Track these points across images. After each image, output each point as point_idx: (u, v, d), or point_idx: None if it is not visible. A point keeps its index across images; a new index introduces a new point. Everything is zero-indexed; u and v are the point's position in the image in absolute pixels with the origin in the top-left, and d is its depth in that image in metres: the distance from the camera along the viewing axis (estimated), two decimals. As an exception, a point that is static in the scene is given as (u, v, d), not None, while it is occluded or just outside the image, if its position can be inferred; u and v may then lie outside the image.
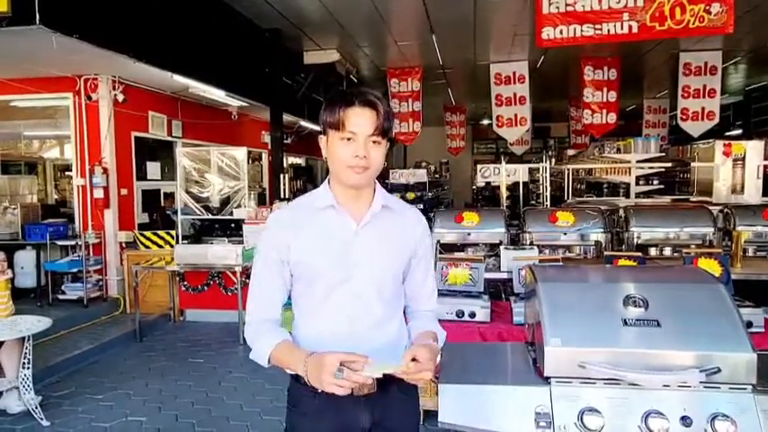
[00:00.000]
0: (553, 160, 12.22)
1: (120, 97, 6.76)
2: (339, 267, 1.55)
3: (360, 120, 1.50)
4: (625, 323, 1.75)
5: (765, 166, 5.76)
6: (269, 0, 6.63)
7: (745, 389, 1.63)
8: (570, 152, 11.42)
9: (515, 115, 9.78)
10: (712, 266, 3.45)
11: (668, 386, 1.64)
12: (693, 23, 5.60)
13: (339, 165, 1.53)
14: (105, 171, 6.72)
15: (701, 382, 1.63)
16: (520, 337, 2.70)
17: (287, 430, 1.63)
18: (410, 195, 9.67)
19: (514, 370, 1.92)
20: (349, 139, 1.50)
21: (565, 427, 1.65)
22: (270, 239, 1.60)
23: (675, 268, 2.61)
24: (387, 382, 1.51)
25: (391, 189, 9.91)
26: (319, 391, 1.43)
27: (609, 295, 1.85)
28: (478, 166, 8.47)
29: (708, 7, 5.53)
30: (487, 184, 8.61)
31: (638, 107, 13.71)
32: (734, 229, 3.90)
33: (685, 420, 1.60)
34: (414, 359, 1.40)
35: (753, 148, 6.05)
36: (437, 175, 14.49)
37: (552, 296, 1.88)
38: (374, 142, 1.52)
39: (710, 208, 4.22)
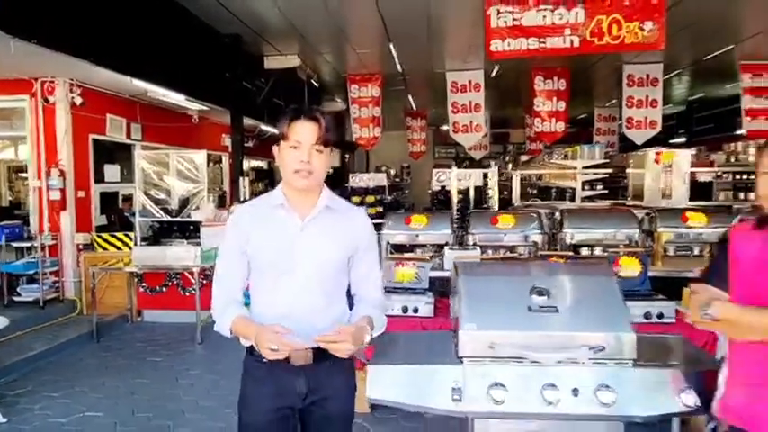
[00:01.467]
0: (510, 165, 12.69)
1: (78, 100, 6.79)
2: (285, 259, 1.82)
3: (304, 130, 1.79)
4: (530, 309, 2.02)
5: (692, 173, 6.22)
6: (228, 6, 6.76)
7: (626, 364, 1.91)
8: (524, 158, 11.86)
9: (471, 122, 10.11)
10: (633, 264, 3.79)
11: (562, 362, 1.91)
12: (629, 39, 6.00)
13: (287, 169, 1.82)
14: (62, 173, 6.73)
15: (589, 359, 1.91)
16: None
17: (240, 394, 1.90)
18: (369, 199, 9.89)
19: (437, 353, 2.16)
20: (295, 147, 1.79)
21: (475, 400, 1.91)
22: (233, 231, 1.90)
23: (578, 263, 2.91)
24: (321, 357, 1.78)
25: (351, 192, 10.14)
26: (265, 361, 1.70)
27: (518, 286, 2.12)
28: (434, 171, 8.77)
29: (641, 25, 5.94)
30: (443, 188, 8.90)
31: (589, 115, 14.30)
32: (656, 231, 4.27)
33: (575, 391, 1.88)
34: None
35: (681, 156, 6.52)
36: (398, 179, 14.82)
37: (470, 287, 2.15)
38: (317, 150, 1.80)
39: (637, 211, 4.59)
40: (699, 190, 7.18)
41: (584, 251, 4.51)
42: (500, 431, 1.96)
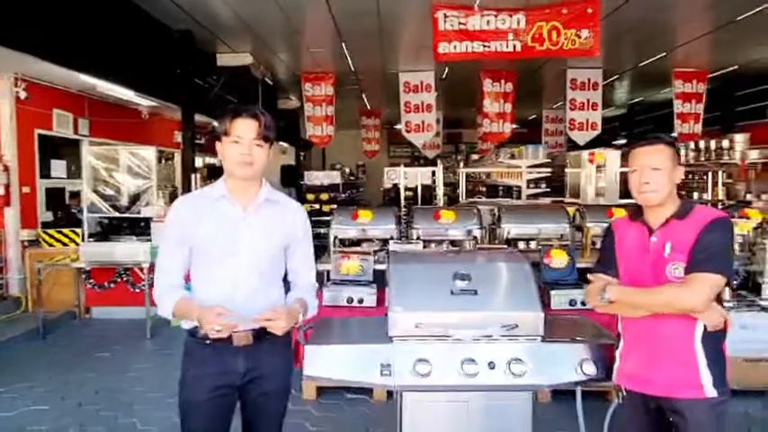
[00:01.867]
0: (462, 164, 13.02)
1: (23, 95, 6.69)
2: (227, 245, 1.98)
3: (245, 127, 1.95)
4: (452, 293, 2.22)
5: (622, 173, 6.65)
6: (179, 3, 6.77)
7: (535, 339, 2.14)
8: (474, 156, 12.20)
9: (423, 121, 10.38)
10: (562, 256, 4.09)
11: (479, 339, 2.13)
12: (567, 46, 6.36)
13: (230, 162, 1.98)
14: (6, 168, 6.61)
15: (502, 336, 2.13)
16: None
17: (181, 374, 2.02)
18: (324, 196, 10.04)
19: (369, 334, 2.34)
20: (237, 142, 1.95)
21: (402, 374, 2.10)
22: (173, 220, 2.04)
23: (499, 252, 3.15)
24: (260, 337, 1.94)
25: (306, 190, 10.25)
26: (207, 342, 1.86)
27: (443, 272, 2.32)
28: (385, 169, 8.98)
29: (578, 32, 6.31)
30: (394, 185, 9.12)
31: (538, 117, 14.80)
32: (585, 226, 4.59)
33: (491, 364, 2.09)
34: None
35: (612, 156, 6.94)
36: (353, 177, 14.94)
37: (400, 274, 2.34)
38: (257, 145, 1.96)
39: (569, 208, 4.90)
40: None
41: (521, 245, 4.80)
42: (425, 402, 2.16)
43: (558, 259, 4.01)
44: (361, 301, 4.00)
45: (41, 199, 7.37)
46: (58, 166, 7.84)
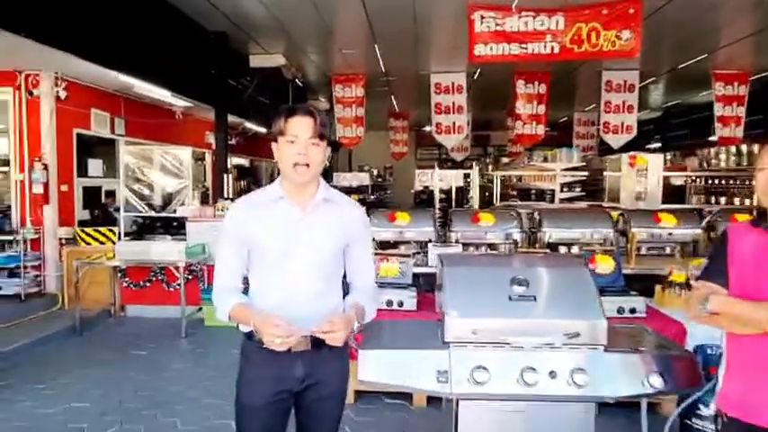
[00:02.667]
0: (491, 167, 12.90)
1: (63, 94, 6.79)
2: (285, 247, 1.93)
3: (300, 125, 1.90)
4: (510, 298, 2.15)
5: (665, 177, 6.46)
6: (215, 4, 6.82)
7: (597, 348, 2.05)
8: (505, 160, 12.07)
9: (453, 123, 10.29)
10: (608, 262, 3.97)
11: (540, 347, 2.05)
12: (606, 47, 6.23)
13: (286, 164, 1.93)
14: (45, 167, 6.71)
15: (564, 344, 2.05)
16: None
17: (238, 376, 1.99)
18: (353, 198, 10.00)
19: (423, 339, 2.28)
20: (292, 142, 1.90)
21: (459, 382, 2.04)
22: (231, 221, 1.99)
23: (554, 257, 3.06)
24: (319, 343, 1.89)
25: (335, 191, 10.23)
26: (264, 345, 1.80)
27: (499, 277, 2.25)
28: (416, 172, 8.92)
29: (619, 33, 6.17)
30: (425, 188, 9.07)
31: (569, 119, 14.58)
32: (629, 231, 4.46)
33: (552, 374, 2.01)
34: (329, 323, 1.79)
35: (654, 160, 6.77)
36: (380, 179, 14.94)
37: (454, 278, 2.28)
38: (313, 144, 1.90)
39: (612, 213, 4.78)
40: (672, 193, 7.44)
41: (562, 249, 4.69)
42: (482, 411, 2.09)
43: (604, 265, 3.89)
44: (401, 304, 3.94)
45: (79, 197, 7.48)
46: (95, 165, 7.95)
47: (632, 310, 3.63)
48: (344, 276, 2.11)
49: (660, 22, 7.07)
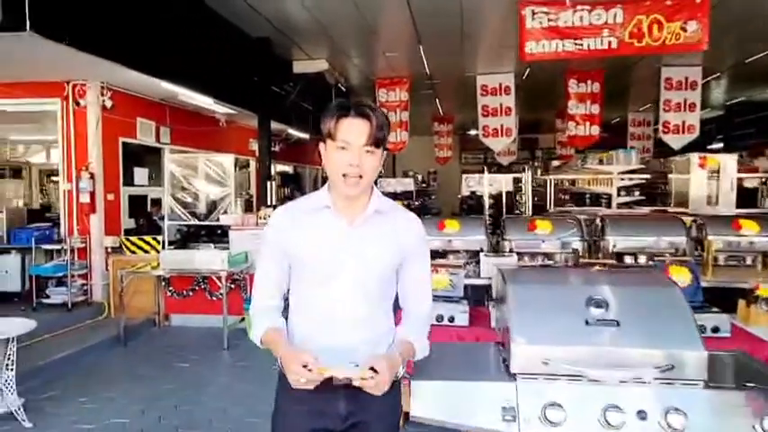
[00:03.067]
0: (539, 171, 12.44)
1: (109, 103, 6.81)
2: (328, 264, 1.66)
3: (353, 129, 1.59)
4: (587, 323, 1.85)
5: (739, 179, 5.95)
6: (258, 9, 6.73)
7: (696, 385, 1.73)
8: (555, 163, 11.60)
9: (501, 125, 9.93)
10: (683, 274, 3.56)
11: (625, 382, 1.74)
12: (670, 40, 5.78)
13: (334, 172, 1.63)
14: (92, 176, 6.74)
15: (655, 378, 1.73)
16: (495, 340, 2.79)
17: (274, 409, 1.74)
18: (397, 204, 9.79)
19: (484, 367, 2.01)
20: (343, 148, 1.60)
21: (529, 421, 1.74)
22: (271, 232, 1.74)
23: (636, 272, 2.72)
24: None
25: (379, 197, 10.02)
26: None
27: (573, 297, 1.95)
28: (464, 176, 8.60)
29: (684, 25, 5.72)
30: (473, 193, 8.74)
31: (622, 120, 13.95)
32: (705, 239, 4.03)
33: (641, 414, 1.70)
34: (372, 368, 1.50)
35: (727, 161, 6.25)
36: (424, 185, 14.65)
37: (520, 297, 1.98)
38: (368, 152, 1.60)
39: (684, 218, 4.35)
40: (743, 196, 6.87)
41: (628, 259, 4.29)
42: (556, 456, 1.79)
43: (680, 277, 3.48)
44: (451, 319, 3.63)
45: (124, 206, 7.51)
46: (141, 174, 7.99)
47: (715, 329, 3.21)
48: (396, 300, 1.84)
49: (726, 12, 6.56)
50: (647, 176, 7.41)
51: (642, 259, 4.26)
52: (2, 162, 10.20)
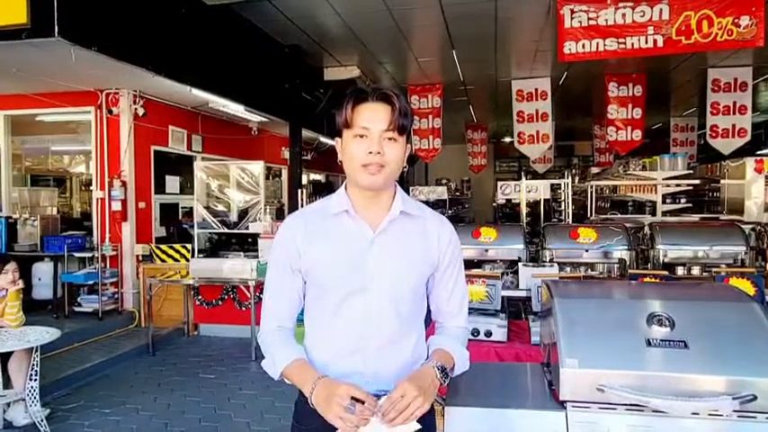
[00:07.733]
0: (576, 179, 12.04)
1: (141, 111, 6.82)
2: (352, 279, 1.44)
3: (373, 114, 1.41)
4: (649, 343, 1.61)
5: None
6: (290, 16, 6.64)
7: (784, 419, 1.47)
8: (594, 170, 11.21)
9: (537, 132, 9.62)
10: (745, 287, 3.25)
11: (697, 414, 1.49)
12: (721, 37, 5.43)
13: (353, 165, 1.43)
14: (124, 184, 6.75)
15: (734, 411, 1.48)
16: (537, 358, 2.54)
17: (291, 425, 1.54)
18: (430, 212, 9.56)
19: (528, 393, 1.78)
20: (362, 136, 1.41)
21: (582, 458, 1.51)
22: (281, 246, 1.52)
23: (704, 285, 2.44)
24: None
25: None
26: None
27: (631, 313, 1.71)
28: (499, 183, 8.31)
29: (737, 20, 5.37)
30: (508, 201, 8.42)
31: (664, 125, 13.42)
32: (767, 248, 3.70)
33: (717, 453, 1.45)
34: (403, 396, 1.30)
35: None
36: (458, 193, 14.36)
37: (569, 313, 1.75)
38: (390, 139, 1.42)
39: (742, 226, 4.02)
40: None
41: (680, 271, 3.97)
42: (614, 499, 1.55)
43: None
44: (488, 334, 3.40)
45: (156, 214, 7.50)
46: (172, 182, 7.98)
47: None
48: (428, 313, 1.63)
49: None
50: (696, 182, 7.00)
51: (696, 270, 3.94)
52: (43, 171, 10.41)
